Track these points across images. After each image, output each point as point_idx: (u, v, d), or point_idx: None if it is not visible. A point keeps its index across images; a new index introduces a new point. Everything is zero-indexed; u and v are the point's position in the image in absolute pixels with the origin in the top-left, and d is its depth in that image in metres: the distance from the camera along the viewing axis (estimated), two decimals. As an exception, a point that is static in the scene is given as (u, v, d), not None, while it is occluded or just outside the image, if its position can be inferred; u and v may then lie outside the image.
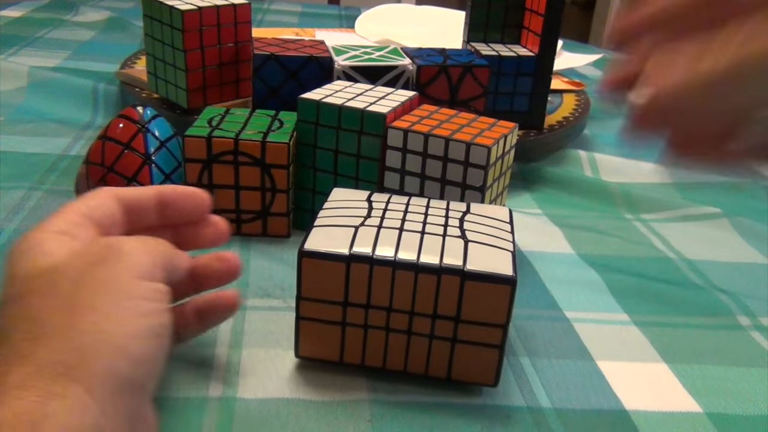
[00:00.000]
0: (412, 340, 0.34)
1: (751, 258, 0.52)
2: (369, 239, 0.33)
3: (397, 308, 0.33)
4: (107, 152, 0.46)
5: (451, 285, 0.32)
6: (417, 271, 0.32)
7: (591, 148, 0.71)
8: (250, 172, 0.45)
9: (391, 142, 0.44)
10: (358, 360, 0.35)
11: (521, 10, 0.65)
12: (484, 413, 0.34)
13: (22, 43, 0.90)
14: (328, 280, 0.33)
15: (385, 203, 0.38)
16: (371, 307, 0.34)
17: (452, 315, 0.33)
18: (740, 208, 0.59)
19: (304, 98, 0.46)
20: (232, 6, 0.58)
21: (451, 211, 0.38)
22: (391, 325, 0.34)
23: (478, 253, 0.33)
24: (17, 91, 0.71)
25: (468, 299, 0.32)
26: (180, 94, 0.59)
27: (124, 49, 0.84)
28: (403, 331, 0.34)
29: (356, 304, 0.34)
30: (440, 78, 0.55)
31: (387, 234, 0.34)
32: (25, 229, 0.46)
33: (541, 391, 0.36)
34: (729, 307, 0.45)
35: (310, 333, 0.35)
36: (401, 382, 0.35)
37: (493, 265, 0.32)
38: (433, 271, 0.32)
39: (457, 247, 0.33)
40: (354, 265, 0.32)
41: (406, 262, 0.32)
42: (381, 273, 0.33)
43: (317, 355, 0.35)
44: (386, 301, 0.33)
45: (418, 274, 0.32)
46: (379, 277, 0.33)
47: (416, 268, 0.32)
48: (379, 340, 0.34)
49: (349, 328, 0.34)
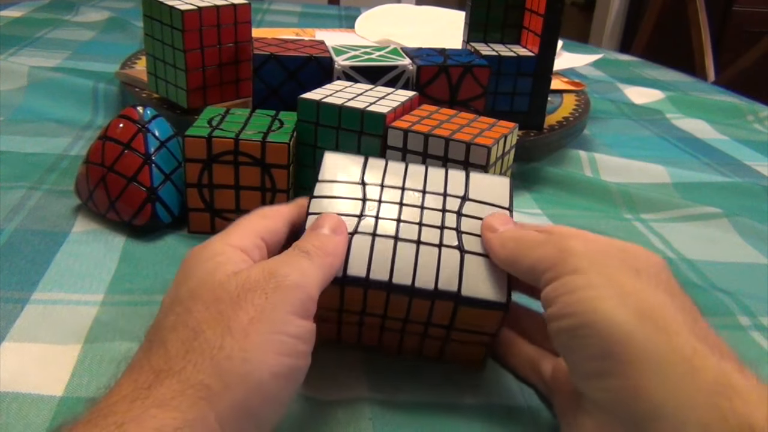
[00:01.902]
0: (405, 337, 0.35)
1: (751, 258, 0.52)
2: (363, 256, 0.33)
3: (392, 316, 0.34)
4: (107, 152, 0.46)
5: (444, 306, 0.33)
6: (412, 296, 0.32)
7: (591, 148, 0.71)
8: (250, 172, 0.45)
9: (391, 142, 0.44)
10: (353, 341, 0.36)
11: (521, 10, 0.65)
12: (484, 413, 0.34)
13: (22, 43, 0.90)
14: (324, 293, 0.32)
15: (379, 188, 0.36)
16: (366, 314, 0.34)
17: (445, 324, 0.34)
18: (740, 208, 0.59)
19: (304, 98, 0.46)
20: (232, 6, 0.58)
21: (449, 198, 0.36)
22: (385, 326, 0.35)
23: (473, 271, 0.33)
24: (17, 91, 0.71)
25: (461, 316, 0.33)
26: (180, 94, 0.59)
27: (124, 49, 0.84)
28: (397, 330, 0.35)
29: (351, 311, 0.34)
30: (440, 78, 0.55)
31: (382, 247, 0.33)
32: (26, 228, 0.46)
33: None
34: (729, 307, 0.45)
35: None
36: (401, 381, 0.35)
37: (487, 287, 0.32)
38: (427, 295, 0.32)
39: (453, 262, 0.33)
40: (348, 288, 0.33)
41: (400, 287, 0.32)
42: (375, 294, 0.33)
43: None
44: (381, 310, 0.34)
45: (413, 298, 0.33)
46: (373, 296, 0.33)
47: (411, 293, 0.32)
48: (374, 336, 0.35)
49: (345, 326, 0.35)
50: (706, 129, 0.82)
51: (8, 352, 0.35)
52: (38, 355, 0.35)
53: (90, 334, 0.37)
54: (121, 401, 0.24)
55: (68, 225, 0.47)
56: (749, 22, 2.31)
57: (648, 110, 0.88)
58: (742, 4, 2.34)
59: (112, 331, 0.37)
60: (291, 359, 0.27)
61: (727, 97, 0.96)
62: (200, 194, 0.46)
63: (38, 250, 0.44)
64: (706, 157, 0.73)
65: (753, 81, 1.38)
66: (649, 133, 0.80)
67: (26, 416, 0.31)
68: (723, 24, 2.31)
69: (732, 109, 0.89)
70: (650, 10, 1.64)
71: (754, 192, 0.63)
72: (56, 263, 0.43)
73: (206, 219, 0.46)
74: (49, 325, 0.37)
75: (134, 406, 0.24)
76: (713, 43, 1.47)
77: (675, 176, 0.65)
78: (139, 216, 0.46)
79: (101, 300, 0.40)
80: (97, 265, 0.43)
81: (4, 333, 0.36)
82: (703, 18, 1.46)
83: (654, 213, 0.58)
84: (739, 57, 1.46)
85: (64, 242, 0.45)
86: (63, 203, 0.50)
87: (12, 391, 0.32)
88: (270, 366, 0.26)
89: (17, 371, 0.33)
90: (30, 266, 0.42)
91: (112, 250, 0.45)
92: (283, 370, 0.26)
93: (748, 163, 0.72)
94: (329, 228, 0.32)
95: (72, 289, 0.40)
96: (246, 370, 0.25)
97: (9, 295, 0.39)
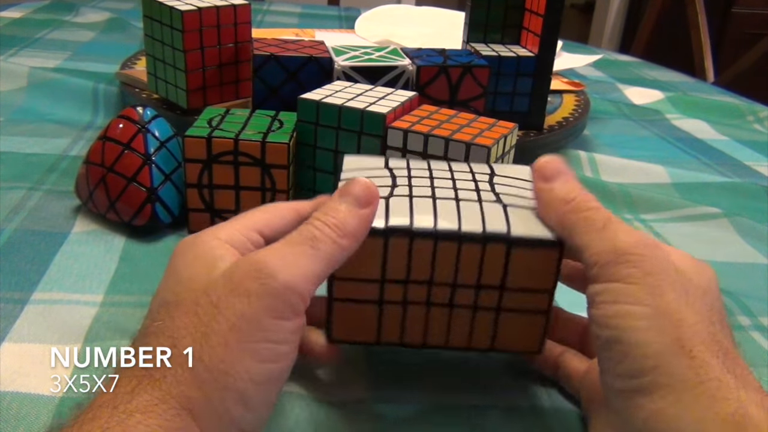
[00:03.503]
0: (454, 312, 0.32)
1: (751, 258, 0.52)
2: (404, 210, 0.31)
3: (439, 281, 0.31)
4: (107, 152, 0.46)
5: (496, 253, 0.30)
6: (460, 241, 0.30)
7: (591, 148, 0.71)
8: (250, 173, 0.45)
9: (391, 142, 0.44)
10: (396, 338, 0.33)
11: (521, 10, 0.65)
12: (484, 413, 0.34)
13: (22, 44, 0.90)
14: (364, 257, 0.30)
15: (406, 170, 0.35)
16: (411, 282, 0.31)
17: (497, 284, 0.31)
18: (740, 208, 0.59)
19: (304, 98, 0.46)
20: (232, 6, 0.58)
21: (477, 174, 0.35)
22: (432, 300, 0.32)
23: (519, 218, 0.31)
24: (17, 92, 0.71)
25: (514, 266, 0.31)
26: (180, 94, 0.59)
27: (124, 50, 0.84)
28: (445, 304, 0.32)
29: (395, 281, 0.31)
30: (440, 78, 0.55)
31: (421, 203, 0.32)
32: (26, 229, 0.46)
33: (541, 390, 0.36)
34: (729, 307, 0.44)
35: (345, 315, 0.32)
36: (401, 381, 0.35)
37: (538, 229, 0.31)
38: (477, 240, 0.30)
39: (497, 212, 0.31)
40: (392, 239, 0.30)
41: (448, 233, 0.30)
42: (421, 246, 0.30)
43: (352, 338, 0.33)
44: (427, 274, 0.31)
45: (462, 245, 0.30)
46: (419, 250, 0.30)
47: (459, 238, 0.30)
48: (420, 316, 0.32)
49: (386, 306, 0.32)
50: (706, 129, 0.82)
51: (8, 352, 0.35)
52: (38, 355, 0.35)
53: (90, 334, 0.37)
54: (105, 405, 0.24)
55: (68, 225, 0.47)
56: (748, 24, 2.32)
57: (648, 110, 0.88)
58: (742, 5, 2.34)
59: (112, 331, 0.37)
60: (273, 364, 0.26)
61: (726, 98, 0.96)
62: (200, 194, 0.46)
63: (38, 251, 0.44)
64: (706, 157, 0.73)
65: (753, 81, 1.38)
66: (649, 133, 0.80)
67: (26, 416, 0.31)
68: (722, 25, 2.31)
69: (732, 110, 0.90)
70: (650, 11, 1.64)
71: (754, 192, 0.63)
72: (56, 263, 0.43)
73: (206, 219, 0.46)
74: (49, 325, 0.37)
75: (117, 411, 0.24)
76: (713, 45, 1.47)
77: (675, 176, 0.65)
78: (139, 216, 0.46)
79: (101, 300, 0.40)
80: (97, 265, 0.43)
81: (4, 333, 0.36)
82: (703, 19, 1.46)
83: (654, 213, 0.58)
84: (738, 58, 1.46)
85: (64, 242, 0.45)
86: (63, 203, 0.50)
87: (12, 391, 0.32)
88: (251, 375, 0.25)
89: (17, 371, 0.33)
90: (30, 266, 0.42)
91: (112, 250, 0.45)
92: (267, 377, 0.26)
93: (748, 163, 0.72)
94: (354, 197, 0.29)
95: (72, 289, 0.40)
96: (226, 381, 0.25)
97: (9, 295, 0.39)
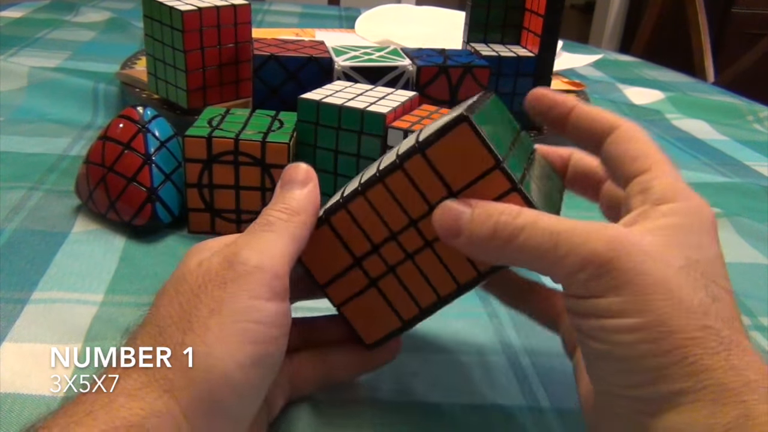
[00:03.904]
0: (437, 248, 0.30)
1: (751, 258, 0.52)
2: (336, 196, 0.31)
3: (398, 228, 0.30)
4: (107, 152, 0.46)
5: (419, 167, 0.29)
6: (382, 179, 0.29)
7: (591, 148, 0.71)
8: (251, 172, 0.45)
9: (391, 142, 0.44)
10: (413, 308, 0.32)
11: (521, 10, 0.65)
12: (484, 413, 0.34)
13: (22, 44, 0.90)
14: (327, 251, 0.31)
15: None
16: (379, 247, 0.31)
17: (445, 194, 0.29)
18: (740, 208, 0.59)
19: (304, 98, 0.46)
20: (232, 6, 0.58)
21: None
22: (408, 250, 0.31)
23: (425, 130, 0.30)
24: (17, 92, 0.71)
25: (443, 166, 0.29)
26: (180, 94, 0.59)
27: (124, 50, 0.84)
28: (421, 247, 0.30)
29: (366, 254, 0.31)
30: (440, 78, 0.55)
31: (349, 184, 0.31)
32: (26, 228, 0.46)
33: (541, 391, 0.36)
34: (729, 307, 0.44)
35: (359, 315, 0.32)
36: (401, 381, 0.35)
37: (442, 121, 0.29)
38: (395, 167, 0.29)
39: (408, 143, 0.30)
40: (333, 219, 0.31)
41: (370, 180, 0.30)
42: (357, 207, 0.30)
43: (382, 332, 0.33)
44: (384, 230, 0.30)
45: (385, 180, 0.29)
46: (359, 213, 0.30)
47: (380, 177, 0.29)
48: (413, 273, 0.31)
49: (380, 283, 0.32)
50: (706, 129, 0.82)
51: (8, 352, 0.35)
52: (38, 355, 0.35)
53: (90, 334, 0.37)
54: (89, 391, 0.25)
55: (68, 225, 0.47)
56: (748, 24, 2.32)
57: (648, 110, 0.88)
58: (742, 5, 2.34)
59: (112, 330, 0.37)
60: (258, 346, 0.26)
61: (726, 98, 0.96)
62: (200, 194, 0.46)
63: (38, 250, 0.44)
64: (706, 157, 0.73)
65: (753, 81, 1.39)
66: (649, 133, 0.79)
67: (26, 417, 0.31)
68: (722, 25, 2.31)
69: (732, 110, 0.90)
70: (650, 11, 1.65)
71: (754, 192, 0.63)
72: (56, 263, 0.43)
73: (206, 219, 0.46)
74: (49, 325, 0.37)
75: (101, 395, 0.24)
76: (713, 45, 1.47)
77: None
78: (139, 216, 0.46)
79: (101, 300, 0.40)
80: (97, 265, 0.43)
81: (4, 333, 0.36)
82: (703, 19, 1.46)
83: (654, 213, 0.57)
84: (738, 58, 1.46)
85: (64, 242, 0.45)
86: (63, 203, 0.50)
87: (12, 392, 0.32)
88: (234, 357, 0.25)
89: (17, 371, 0.33)
90: (30, 266, 0.42)
91: (112, 250, 0.45)
92: (250, 359, 0.26)
93: (748, 163, 0.72)
94: (290, 180, 0.31)
95: (72, 289, 0.40)
96: (209, 363, 0.25)
97: (9, 295, 0.39)
